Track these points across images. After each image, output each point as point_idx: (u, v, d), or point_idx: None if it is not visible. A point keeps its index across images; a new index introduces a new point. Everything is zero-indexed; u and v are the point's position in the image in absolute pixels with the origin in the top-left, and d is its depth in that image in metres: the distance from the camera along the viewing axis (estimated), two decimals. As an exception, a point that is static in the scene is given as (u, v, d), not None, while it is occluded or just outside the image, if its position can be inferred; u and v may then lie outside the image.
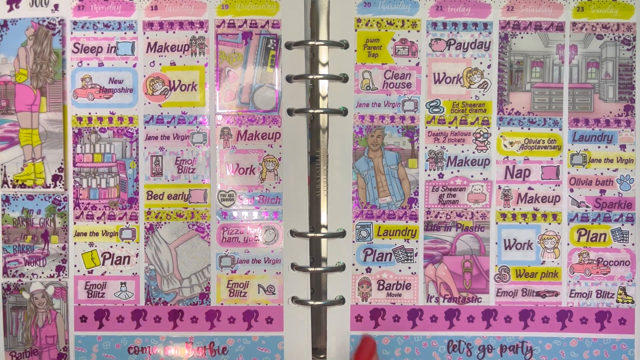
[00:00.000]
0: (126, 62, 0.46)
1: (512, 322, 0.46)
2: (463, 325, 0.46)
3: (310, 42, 0.45)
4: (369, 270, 0.46)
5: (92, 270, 0.47)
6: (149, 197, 0.46)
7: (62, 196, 0.46)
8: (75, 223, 0.47)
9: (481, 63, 0.46)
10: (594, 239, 0.47)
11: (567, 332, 0.46)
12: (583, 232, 0.46)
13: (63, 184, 0.46)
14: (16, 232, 0.46)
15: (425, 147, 0.46)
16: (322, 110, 0.46)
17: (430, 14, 0.46)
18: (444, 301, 0.46)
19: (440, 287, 0.46)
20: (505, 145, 0.46)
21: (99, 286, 0.47)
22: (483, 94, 0.46)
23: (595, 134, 0.46)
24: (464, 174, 0.46)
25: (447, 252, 0.46)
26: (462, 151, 0.46)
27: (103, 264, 0.47)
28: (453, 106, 0.46)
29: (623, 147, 0.46)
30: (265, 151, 0.46)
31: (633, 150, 0.46)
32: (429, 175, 0.46)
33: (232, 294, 0.46)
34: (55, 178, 0.46)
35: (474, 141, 0.46)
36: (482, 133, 0.46)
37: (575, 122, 0.46)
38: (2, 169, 0.46)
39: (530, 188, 0.46)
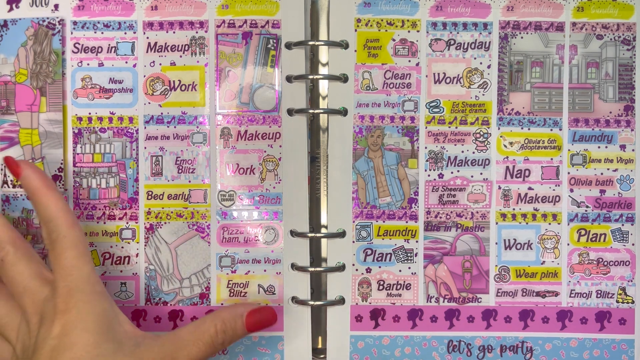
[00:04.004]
0: (126, 62, 0.46)
1: (512, 322, 0.46)
2: (463, 326, 0.46)
3: (310, 42, 0.45)
4: (369, 270, 0.46)
5: (92, 270, 0.47)
6: (149, 197, 0.46)
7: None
8: (75, 223, 0.47)
9: (481, 63, 0.46)
10: (594, 239, 0.46)
11: (567, 332, 0.46)
12: (583, 232, 0.46)
13: (63, 184, 0.46)
14: (16, 232, 0.46)
15: (425, 147, 0.46)
16: (322, 111, 0.46)
17: (430, 14, 0.46)
18: (444, 301, 0.46)
19: (440, 287, 0.46)
20: (505, 146, 0.46)
21: (99, 286, 0.47)
22: (483, 94, 0.46)
23: (595, 134, 0.46)
24: (464, 174, 0.46)
25: (447, 252, 0.46)
26: (462, 151, 0.46)
27: (103, 264, 0.46)
28: (453, 106, 0.46)
29: (623, 147, 0.46)
30: (265, 151, 0.46)
31: (633, 150, 0.46)
32: (429, 175, 0.46)
33: (232, 294, 0.46)
34: (55, 178, 0.46)
35: (474, 141, 0.46)
36: (482, 133, 0.46)
37: (575, 122, 0.46)
38: (2, 169, 0.46)
39: (530, 188, 0.46)
